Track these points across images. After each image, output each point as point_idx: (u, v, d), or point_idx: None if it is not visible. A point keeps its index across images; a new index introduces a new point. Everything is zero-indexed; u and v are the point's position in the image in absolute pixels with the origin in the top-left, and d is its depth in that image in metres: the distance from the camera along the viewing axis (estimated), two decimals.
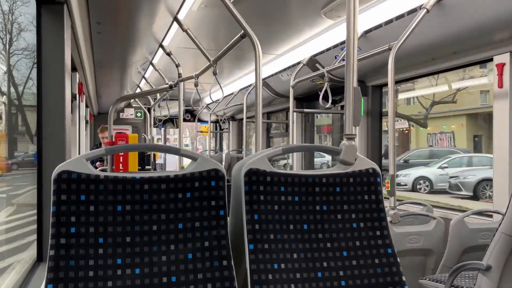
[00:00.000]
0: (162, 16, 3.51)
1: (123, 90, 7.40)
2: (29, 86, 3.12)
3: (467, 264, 2.40)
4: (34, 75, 2.46)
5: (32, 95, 2.86)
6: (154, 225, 1.33)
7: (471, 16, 2.82)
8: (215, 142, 12.15)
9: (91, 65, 5.06)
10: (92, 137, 9.04)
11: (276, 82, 5.74)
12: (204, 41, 3.84)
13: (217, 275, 1.33)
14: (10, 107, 3.06)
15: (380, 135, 4.72)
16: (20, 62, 3.05)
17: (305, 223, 1.45)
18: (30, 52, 2.88)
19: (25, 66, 3.07)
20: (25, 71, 3.16)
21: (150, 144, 6.06)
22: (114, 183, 1.31)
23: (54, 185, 1.28)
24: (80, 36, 3.43)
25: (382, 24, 3.41)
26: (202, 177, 1.39)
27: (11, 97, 3.02)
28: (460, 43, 3.24)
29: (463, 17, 2.86)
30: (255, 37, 2.31)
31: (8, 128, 3.01)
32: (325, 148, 1.92)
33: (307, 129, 6.45)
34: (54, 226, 1.26)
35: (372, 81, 4.58)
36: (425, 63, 3.79)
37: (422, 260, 3.14)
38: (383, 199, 1.55)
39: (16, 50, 2.99)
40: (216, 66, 3.29)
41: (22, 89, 3.25)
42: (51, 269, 1.22)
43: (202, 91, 5.01)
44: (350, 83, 1.55)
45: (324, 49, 4.25)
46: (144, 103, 8.32)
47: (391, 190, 3.07)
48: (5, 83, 2.92)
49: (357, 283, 1.42)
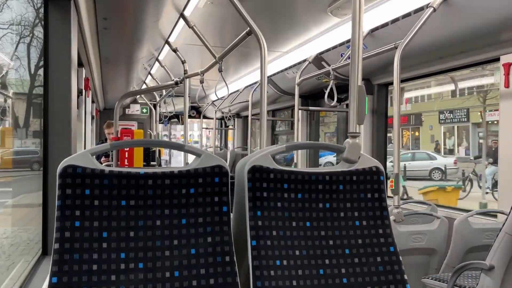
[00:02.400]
0: (169, 13, 3.52)
1: (129, 86, 7.42)
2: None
3: (470, 263, 2.40)
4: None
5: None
6: (158, 220, 1.34)
7: (478, 15, 2.81)
8: (220, 139, 12.16)
9: (98, 61, 5.09)
10: (98, 132, 9.08)
11: (281, 79, 5.74)
12: (210, 38, 3.84)
13: (220, 270, 1.34)
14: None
15: (385, 134, 4.71)
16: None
17: (308, 220, 1.46)
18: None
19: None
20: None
21: (155, 140, 6.08)
22: (118, 178, 1.32)
23: (59, 179, 1.29)
24: (87, 32, 3.44)
25: (389, 23, 3.40)
26: (206, 173, 1.40)
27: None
28: (467, 43, 3.22)
29: (470, 16, 2.85)
30: (261, 35, 2.31)
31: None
32: (328, 146, 1.92)
33: (313, 127, 6.45)
34: (58, 219, 1.27)
35: (377, 79, 4.57)
36: (431, 62, 3.77)
37: (425, 259, 3.14)
38: (386, 197, 1.55)
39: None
40: (222, 63, 3.30)
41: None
42: (56, 262, 1.23)
43: (207, 88, 5.01)
44: (355, 81, 1.55)
45: (330, 47, 4.24)
46: (150, 99, 8.34)
47: (395, 189, 3.07)
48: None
49: (359, 280, 1.42)
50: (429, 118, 15.41)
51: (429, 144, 15.61)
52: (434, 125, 15.41)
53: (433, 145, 15.51)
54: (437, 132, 15.47)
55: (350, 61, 1.57)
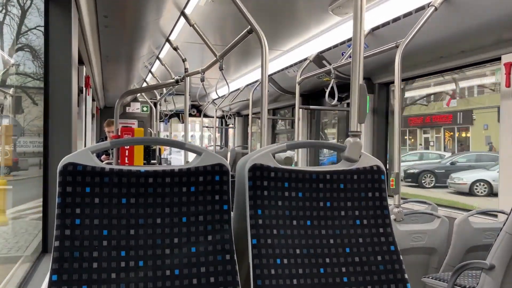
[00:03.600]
0: (169, 11, 3.51)
1: (129, 84, 7.42)
2: None
3: (471, 263, 2.40)
4: None
5: None
6: (158, 218, 1.34)
7: (479, 14, 2.80)
8: (220, 138, 12.16)
9: (98, 59, 5.08)
10: (98, 130, 9.08)
11: (282, 78, 5.73)
12: (210, 36, 3.84)
13: (220, 268, 1.34)
14: None
15: (386, 133, 4.71)
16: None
17: (308, 219, 1.46)
18: None
19: None
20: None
21: (156, 138, 6.08)
22: (119, 176, 1.32)
23: (60, 177, 1.29)
24: (88, 30, 3.44)
25: (390, 22, 3.40)
26: (207, 172, 1.40)
27: None
28: (467, 42, 3.22)
29: (471, 15, 2.84)
30: (261, 33, 2.31)
31: None
32: (329, 144, 1.92)
33: (313, 126, 6.45)
34: (59, 217, 1.27)
35: (378, 78, 4.56)
36: (432, 61, 3.77)
37: (425, 258, 3.14)
38: (387, 196, 1.55)
39: None
40: (223, 61, 3.29)
41: None
42: (56, 259, 1.23)
43: (208, 86, 5.01)
44: (356, 80, 1.55)
45: (331, 45, 4.24)
46: (150, 98, 8.33)
47: (396, 188, 3.07)
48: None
49: (359, 279, 1.42)
50: (484, 115, 12.56)
51: (482, 146, 12.86)
52: (490, 124, 12.24)
53: (487, 147, 12.57)
54: (494, 132, 12.19)
55: (351, 60, 1.57)
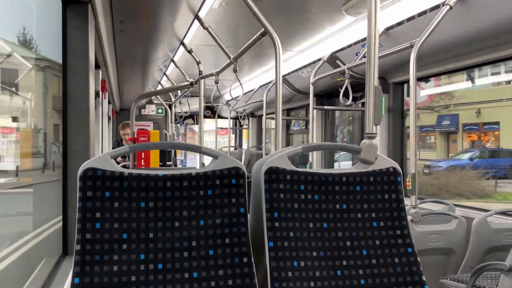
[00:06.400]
0: (184, 14, 3.54)
1: (144, 86, 7.49)
2: None
3: (490, 264, 2.37)
4: None
5: None
6: (176, 222, 1.36)
7: (495, 12, 2.77)
8: (234, 139, 12.19)
9: (114, 63, 5.14)
10: (114, 133, 9.17)
11: (296, 78, 5.73)
12: (224, 38, 3.85)
13: (238, 271, 1.35)
14: None
15: (402, 133, 4.67)
16: None
17: (325, 221, 1.46)
18: None
19: None
20: None
21: (173, 142, 6.14)
22: (137, 180, 1.34)
23: (80, 182, 1.31)
24: (104, 35, 3.48)
25: (404, 21, 3.37)
26: (223, 175, 1.41)
27: None
28: (484, 40, 3.18)
29: (487, 13, 2.81)
30: (275, 35, 2.31)
31: None
32: (345, 147, 1.92)
33: (328, 126, 6.42)
34: (80, 221, 1.29)
35: (393, 78, 4.53)
36: (447, 60, 3.73)
37: (443, 259, 3.11)
38: (403, 198, 1.55)
39: None
40: (236, 63, 3.31)
41: None
42: (77, 263, 1.26)
43: (222, 87, 5.03)
44: (371, 82, 1.55)
45: (345, 45, 4.22)
46: (165, 100, 8.40)
47: (412, 189, 3.05)
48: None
49: (376, 282, 1.42)
50: None
51: None
52: None
53: None
54: None
55: (365, 60, 1.57)
